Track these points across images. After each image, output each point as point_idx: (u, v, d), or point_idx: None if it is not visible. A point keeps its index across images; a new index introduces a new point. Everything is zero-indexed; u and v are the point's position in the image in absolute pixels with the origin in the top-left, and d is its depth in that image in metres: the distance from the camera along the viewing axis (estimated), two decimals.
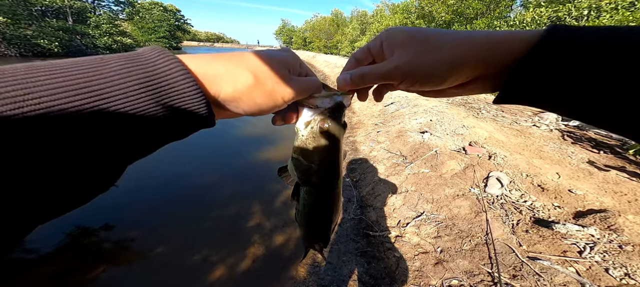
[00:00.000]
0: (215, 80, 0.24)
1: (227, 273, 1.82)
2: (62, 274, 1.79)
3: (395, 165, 2.78)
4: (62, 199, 0.19)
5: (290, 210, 2.52)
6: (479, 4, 10.75)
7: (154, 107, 0.21)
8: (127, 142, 0.21)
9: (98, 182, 0.21)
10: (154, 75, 0.21)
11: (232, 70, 0.25)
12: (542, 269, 1.38)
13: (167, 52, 0.23)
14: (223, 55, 0.27)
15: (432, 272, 1.51)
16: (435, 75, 0.27)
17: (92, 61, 0.20)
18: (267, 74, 0.27)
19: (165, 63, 0.22)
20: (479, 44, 0.25)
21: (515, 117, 4.24)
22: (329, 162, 0.35)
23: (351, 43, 26.79)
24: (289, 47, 0.34)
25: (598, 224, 1.63)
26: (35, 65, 0.18)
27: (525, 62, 0.23)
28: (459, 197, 2.06)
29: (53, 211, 0.19)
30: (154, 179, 2.93)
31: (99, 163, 0.20)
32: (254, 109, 0.27)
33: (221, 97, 0.25)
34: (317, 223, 0.42)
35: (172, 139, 0.24)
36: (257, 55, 0.28)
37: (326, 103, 0.33)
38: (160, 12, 38.23)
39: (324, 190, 0.37)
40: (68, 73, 0.18)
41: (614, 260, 1.38)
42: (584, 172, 2.37)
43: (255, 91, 0.26)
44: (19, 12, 15.76)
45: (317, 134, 0.33)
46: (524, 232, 1.66)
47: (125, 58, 0.21)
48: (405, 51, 0.28)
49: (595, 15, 6.26)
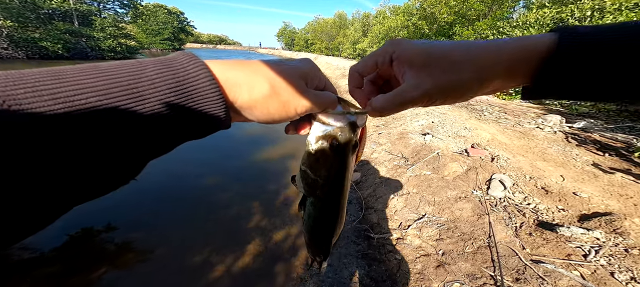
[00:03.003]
0: (235, 87, 0.26)
1: (227, 274, 1.82)
2: (63, 275, 1.80)
3: (397, 167, 2.77)
4: (94, 186, 0.21)
5: (291, 210, 2.52)
6: (481, 5, 10.73)
7: (181, 108, 0.23)
8: (153, 139, 0.22)
9: (122, 174, 0.22)
10: (183, 80, 0.23)
11: (251, 79, 0.27)
12: (546, 272, 1.36)
13: (196, 58, 0.25)
14: (244, 63, 0.28)
15: (433, 275, 1.49)
16: (464, 91, 0.27)
17: (133, 65, 0.22)
18: (283, 85, 0.28)
19: (194, 69, 0.24)
20: (505, 56, 0.26)
21: (518, 119, 4.21)
22: (335, 179, 0.35)
23: (353, 44, 26.85)
24: (309, 59, 0.34)
25: (603, 228, 1.60)
26: (82, 68, 0.20)
27: (553, 62, 0.25)
28: (461, 199, 2.04)
29: (85, 196, 0.21)
30: (154, 179, 2.95)
31: (127, 157, 0.22)
32: (267, 117, 0.28)
33: (238, 103, 0.26)
34: (319, 235, 0.43)
35: (190, 138, 0.26)
36: (276, 66, 0.29)
37: (339, 121, 0.32)
38: (164, 14, 38.73)
39: (327, 204, 0.38)
40: (113, 76, 0.20)
41: (620, 264, 1.36)
42: (588, 175, 2.34)
43: (269, 101, 0.27)
44: (27, 15, 16.05)
45: (326, 150, 0.32)
46: (528, 235, 1.63)
47: (161, 63, 0.23)
48: (428, 73, 0.27)
49: (598, 16, 6.21)
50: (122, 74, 0.21)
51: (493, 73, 0.27)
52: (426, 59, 0.28)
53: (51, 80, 0.18)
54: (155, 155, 0.24)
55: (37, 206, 0.19)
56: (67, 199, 0.20)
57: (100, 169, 0.20)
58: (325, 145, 0.32)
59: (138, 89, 0.21)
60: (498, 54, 0.26)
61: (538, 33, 7.75)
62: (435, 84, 0.27)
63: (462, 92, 0.28)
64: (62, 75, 0.19)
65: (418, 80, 0.28)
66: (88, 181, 0.20)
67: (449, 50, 0.28)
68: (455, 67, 0.27)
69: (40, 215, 0.19)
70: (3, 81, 0.17)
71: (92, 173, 0.20)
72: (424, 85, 0.27)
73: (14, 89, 0.17)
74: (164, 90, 0.22)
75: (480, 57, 0.27)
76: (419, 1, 14.79)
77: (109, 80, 0.20)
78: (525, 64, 0.26)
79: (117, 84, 0.20)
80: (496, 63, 0.26)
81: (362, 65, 0.32)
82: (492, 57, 0.26)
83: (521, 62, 0.26)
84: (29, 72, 0.19)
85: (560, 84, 0.25)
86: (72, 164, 0.19)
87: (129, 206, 2.50)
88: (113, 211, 2.38)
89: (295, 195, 2.76)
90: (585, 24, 6.53)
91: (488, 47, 0.27)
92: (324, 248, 0.45)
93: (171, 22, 39.15)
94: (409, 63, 0.28)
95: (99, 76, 0.20)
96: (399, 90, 0.29)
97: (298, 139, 2.36)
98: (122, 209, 2.43)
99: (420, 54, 0.28)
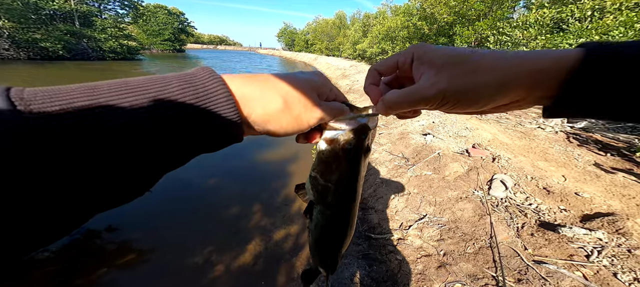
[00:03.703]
0: (250, 102, 0.27)
1: (227, 274, 1.81)
2: (63, 275, 1.80)
3: (398, 167, 2.76)
4: (113, 197, 0.22)
5: (291, 209, 2.52)
6: (481, 5, 10.72)
7: (198, 123, 0.24)
8: (171, 153, 0.23)
9: (138, 186, 0.23)
10: (203, 95, 0.24)
11: (266, 94, 0.27)
12: (548, 273, 1.35)
13: (215, 75, 0.26)
14: (260, 78, 0.29)
15: (435, 276, 1.48)
16: (481, 97, 0.27)
17: (157, 81, 0.23)
18: (296, 100, 0.29)
19: (213, 84, 0.25)
20: (529, 65, 0.25)
21: (519, 119, 4.20)
22: (347, 185, 0.34)
23: (353, 45, 26.88)
24: (319, 72, 0.35)
25: (606, 228, 1.59)
26: (110, 84, 0.22)
27: (579, 79, 0.24)
28: (462, 199, 2.04)
29: (104, 206, 0.22)
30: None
31: (145, 169, 0.22)
32: (279, 131, 0.29)
33: (252, 118, 0.27)
34: (326, 246, 0.41)
35: (204, 151, 0.26)
36: (289, 80, 0.29)
37: (351, 124, 0.32)
38: (164, 15, 38.81)
39: (338, 212, 0.36)
40: (141, 93, 0.22)
41: (623, 264, 1.35)
42: (590, 175, 2.33)
43: (282, 115, 0.28)
44: (28, 16, 16.10)
45: (338, 154, 0.32)
46: (529, 235, 1.63)
47: (183, 79, 0.24)
48: (447, 73, 0.27)
49: (598, 16, 6.20)
50: (149, 90, 0.22)
51: (515, 80, 0.25)
52: (447, 60, 0.27)
53: (85, 96, 0.20)
54: (171, 168, 0.25)
55: (59, 214, 0.19)
56: (88, 208, 0.21)
57: (122, 180, 0.21)
58: (337, 149, 0.32)
59: (163, 105, 0.22)
60: (522, 61, 0.25)
61: (537, 33, 7.71)
62: (452, 84, 0.27)
63: (478, 97, 0.27)
64: (96, 91, 0.20)
65: (435, 79, 0.27)
66: (108, 193, 0.21)
67: (470, 54, 0.27)
68: (475, 70, 0.26)
69: (61, 223, 0.20)
70: (41, 97, 0.18)
71: (112, 185, 0.21)
72: (439, 84, 0.27)
73: (51, 105, 0.18)
74: (184, 106, 0.23)
75: (502, 62, 0.26)
76: (419, 1, 14.80)
77: (137, 97, 0.21)
78: (552, 75, 0.25)
79: (144, 102, 0.21)
80: (520, 70, 0.25)
81: (383, 64, 0.33)
82: (516, 63, 0.25)
83: (547, 72, 0.25)
84: (64, 88, 0.20)
85: (588, 99, 0.24)
86: (95, 175, 0.19)
87: (129, 206, 2.48)
88: (113, 212, 2.37)
89: (296, 195, 2.76)
90: (586, 24, 6.53)
91: (513, 55, 0.26)
92: (330, 261, 0.43)
93: (171, 22, 39.23)
94: (429, 63, 0.28)
95: (129, 93, 0.21)
96: (413, 87, 0.29)
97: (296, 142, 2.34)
98: (123, 210, 2.42)
99: (441, 55, 0.28)
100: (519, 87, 0.25)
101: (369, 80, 0.34)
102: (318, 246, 0.42)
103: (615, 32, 5.06)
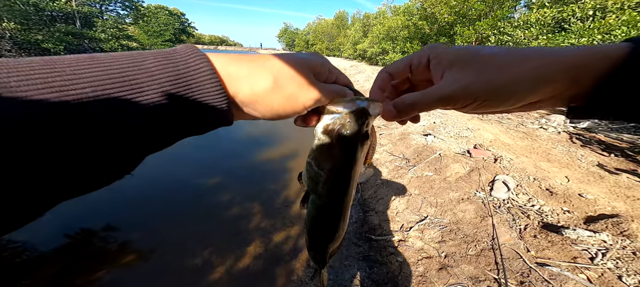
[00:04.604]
0: (236, 81, 0.25)
1: (227, 275, 1.80)
2: (63, 276, 1.79)
3: (398, 168, 2.75)
4: (87, 179, 0.21)
5: (291, 210, 2.50)
6: (482, 5, 10.70)
7: (180, 101, 0.22)
8: (151, 133, 0.22)
9: (116, 168, 0.22)
10: (184, 72, 0.22)
11: (254, 72, 0.25)
12: (552, 275, 1.33)
13: (197, 51, 0.24)
14: (249, 57, 0.26)
15: (436, 278, 1.47)
16: (513, 93, 0.24)
17: (131, 56, 0.21)
18: (288, 78, 0.26)
19: (195, 61, 0.23)
20: (568, 60, 0.23)
21: (521, 119, 4.17)
22: (339, 174, 0.32)
23: (353, 45, 26.88)
24: (318, 53, 0.33)
25: (610, 230, 1.57)
26: (77, 58, 0.20)
27: (620, 77, 0.22)
28: (463, 201, 2.02)
29: (73, 191, 0.21)
30: (155, 181, 2.94)
31: (122, 150, 0.21)
32: (271, 113, 0.27)
33: (239, 97, 0.25)
34: (316, 239, 0.39)
35: (191, 133, 0.25)
36: (281, 59, 0.27)
37: (348, 107, 0.29)
38: (165, 16, 38.96)
39: (328, 204, 0.34)
40: (109, 66, 0.20)
41: (628, 267, 1.33)
42: (594, 176, 2.31)
43: (273, 95, 0.26)
44: (30, 17, 16.20)
45: (332, 140, 0.30)
46: (532, 237, 1.61)
47: (162, 55, 0.22)
48: (473, 70, 0.25)
49: (600, 16, 6.16)
50: (119, 64, 0.20)
51: (553, 75, 0.23)
52: (471, 58, 0.25)
53: (45, 69, 0.18)
54: (153, 149, 0.23)
55: (26, 198, 0.18)
56: (58, 192, 0.19)
57: (94, 161, 0.20)
58: (332, 134, 0.29)
59: (136, 80, 0.20)
60: (561, 55, 0.23)
61: (538, 32, 7.66)
62: (482, 80, 0.24)
63: (510, 93, 0.24)
64: (57, 63, 0.18)
65: (461, 76, 0.25)
66: (80, 174, 0.20)
67: (497, 52, 0.25)
68: (507, 65, 0.24)
69: (28, 208, 0.19)
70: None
71: (85, 165, 0.19)
72: (466, 80, 0.25)
73: (8, 77, 0.16)
74: (162, 82, 0.21)
75: (537, 55, 0.24)
76: (420, 1, 14.79)
77: (105, 70, 0.19)
78: (593, 70, 0.22)
79: (113, 75, 0.19)
80: (560, 64, 0.23)
81: (393, 67, 0.31)
82: (554, 57, 0.23)
83: (589, 67, 0.22)
84: (23, 60, 0.18)
85: (631, 99, 0.22)
86: (65, 155, 0.18)
87: (129, 206, 2.49)
88: (113, 212, 2.37)
89: (296, 195, 2.75)
90: (588, 23, 6.50)
91: (547, 49, 0.24)
92: (320, 254, 0.41)
93: (172, 23, 39.39)
94: (452, 61, 0.26)
95: (95, 65, 0.19)
96: (436, 86, 0.26)
97: (298, 139, 2.36)
98: (123, 210, 2.43)
99: (464, 54, 0.26)
100: (556, 82, 0.23)
101: (377, 83, 0.32)
102: (309, 238, 0.40)
103: (617, 32, 5.03)
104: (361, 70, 13.47)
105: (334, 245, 0.40)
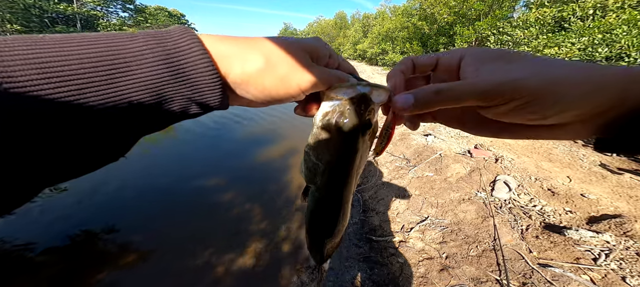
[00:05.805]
0: (226, 59, 0.24)
1: (228, 276, 1.79)
2: (64, 277, 1.78)
3: (399, 168, 2.74)
4: (77, 162, 0.20)
5: (292, 210, 2.49)
6: (481, 5, 10.71)
7: (171, 81, 0.21)
8: (142, 114, 0.21)
9: (109, 151, 0.21)
10: (174, 53, 0.22)
11: (245, 51, 0.24)
12: (554, 276, 1.32)
13: (189, 31, 0.23)
14: (241, 37, 0.26)
15: (437, 279, 1.45)
16: (560, 97, 0.21)
17: (121, 36, 0.21)
18: (281, 59, 0.25)
19: (185, 40, 0.22)
20: (619, 71, 0.21)
21: None
22: (338, 165, 0.30)
23: (353, 45, 26.91)
24: (319, 38, 0.31)
25: (613, 230, 1.56)
26: (66, 37, 0.19)
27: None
28: (464, 201, 2.01)
29: (63, 175, 0.20)
30: (155, 181, 2.94)
31: (113, 132, 0.20)
32: (263, 95, 0.26)
33: (230, 78, 0.24)
34: (314, 233, 0.38)
35: (185, 116, 0.24)
36: (273, 40, 0.26)
37: (348, 93, 0.27)
38: (165, 17, 39.08)
39: (326, 196, 0.32)
40: (98, 44, 0.19)
41: (632, 268, 1.31)
42: (596, 176, 2.29)
43: (265, 75, 0.25)
44: (32, 19, 16.28)
45: (331, 129, 0.28)
46: (534, 238, 1.59)
47: (152, 35, 0.22)
48: (520, 65, 0.23)
49: (601, 15, 6.15)
50: (108, 43, 0.20)
51: (604, 80, 0.20)
52: (516, 55, 0.24)
53: (30, 46, 0.17)
54: (145, 132, 0.23)
55: (13, 182, 0.18)
56: (46, 176, 0.19)
57: (82, 142, 0.19)
58: (330, 123, 0.28)
59: (125, 59, 0.20)
60: (611, 67, 0.21)
61: (538, 32, 7.60)
62: (531, 72, 0.22)
63: (555, 99, 0.21)
64: (43, 41, 0.18)
65: (508, 67, 0.23)
66: (69, 156, 0.19)
67: (544, 57, 0.24)
68: (556, 64, 0.22)
69: (16, 192, 0.18)
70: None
71: (74, 147, 0.19)
72: (512, 74, 0.22)
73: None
74: (151, 62, 0.21)
75: (586, 64, 0.22)
76: (419, 1, 14.80)
77: (94, 48, 0.19)
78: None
79: (101, 53, 0.19)
80: (609, 70, 0.21)
81: (422, 58, 0.29)
82: (599, 69, 0.21)
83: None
84: (9, 37, 0.18)
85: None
86: (51, 137, 0.18)
87: (129, 207, 2.49)
88: (114, 212, 2.37)
89: (297, 195, 2.74)
90: (588, 22, 6.48)
91: (587, 63, 0.23)
92: (317, 251, 0.40)
93: (172, 24, 39.49)
94: (492, 57, 0.24)
95: (83, 44, 0.19)
96: (472, 79, 0.24)
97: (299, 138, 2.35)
98: (123, 211, 2.42)
99: (506, 51, 0.25)
100: (607, 91, 0.20)
101: (401, 67, 0.30)
102: (307, 232, 0.39)
103: (618, 31, 5.02)
104: (361, 71, 13.48)
105: (333, 240, 0.38)
